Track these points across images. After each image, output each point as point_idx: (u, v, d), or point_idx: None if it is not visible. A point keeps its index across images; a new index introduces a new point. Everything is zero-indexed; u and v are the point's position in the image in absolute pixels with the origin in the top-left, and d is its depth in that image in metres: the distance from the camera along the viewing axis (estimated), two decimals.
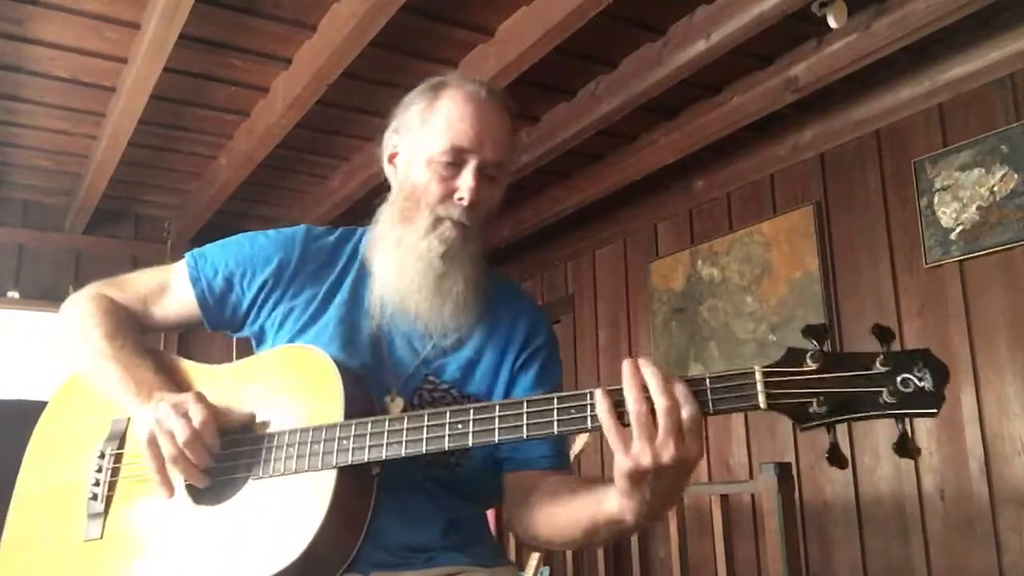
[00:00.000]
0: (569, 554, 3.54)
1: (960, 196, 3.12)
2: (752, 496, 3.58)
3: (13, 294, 4.25)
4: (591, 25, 2.63)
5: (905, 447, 0.89)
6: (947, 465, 3.11)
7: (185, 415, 1.12)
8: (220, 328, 1.34)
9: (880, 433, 3.31)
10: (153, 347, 1.32)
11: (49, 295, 4.19)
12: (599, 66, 3.18)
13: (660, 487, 0.97)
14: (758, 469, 2.81)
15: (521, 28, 2.76)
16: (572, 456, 2.95)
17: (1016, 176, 2.97)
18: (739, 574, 3.31)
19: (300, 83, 3.00)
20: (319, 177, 4.18)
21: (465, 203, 1.23)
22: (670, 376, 0.94)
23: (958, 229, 3.12)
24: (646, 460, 0.94)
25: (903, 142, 3.36)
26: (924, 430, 3.18)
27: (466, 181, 1.23)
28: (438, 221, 1.24)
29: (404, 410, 1.22)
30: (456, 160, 1.24)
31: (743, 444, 3.85)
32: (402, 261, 1.26)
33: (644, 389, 0.94)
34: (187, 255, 1.33)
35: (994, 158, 3.04)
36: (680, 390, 0.93)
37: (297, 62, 3.04)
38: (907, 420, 0.89)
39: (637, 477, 0.96)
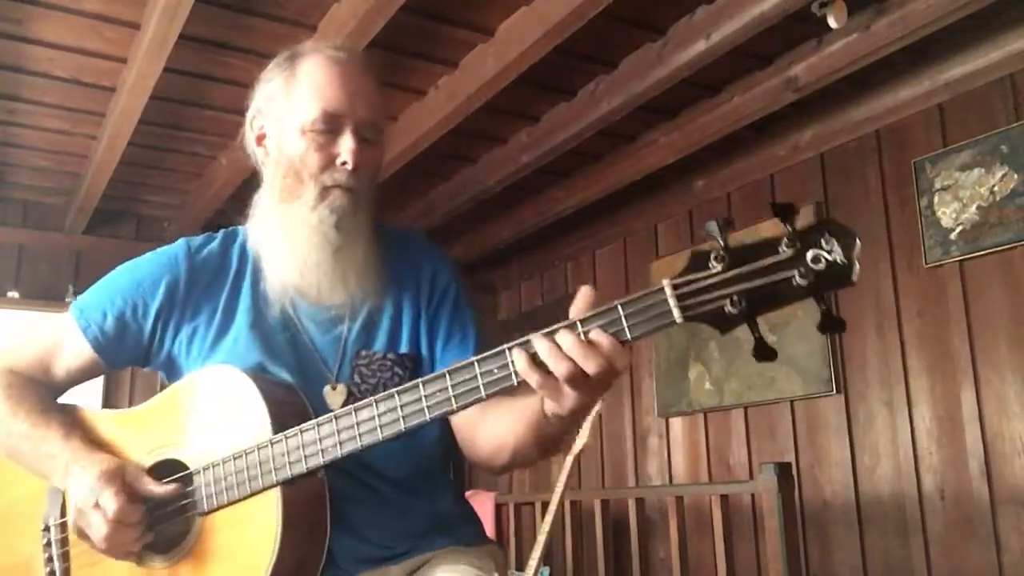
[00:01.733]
0: (569, 554, 3.54)
1: (960, 196, 3.12)
2: (752, 496, 3.58)
3: (13, 294, 4.24)
4: (591, 25, 2.63)
5: (830, 324, 0.85)
6: (947, 465, 3.11)
7: (98, 507, 1.09)
8: (124, 367, 1.30)
9: (880, 433, 3.31)
10: (63, 403, 1.27)
11: (49, 295, 4.19)
12: (599, 66, 3.17)
13: (586, 396, 0.95)
14: (758, 469, 2.81)
15: (521, 28, 2.76)
16: (572, 456, 2.95)
17: (1016, 176, 2.97)
18: (739, 574, 3.31)
19: None
20: None
21: (349, 166, 1.19)
22: (576, 322, 0.92)
23: (958, 229, 3.12)
24: (581, 399, 0.94)
25: (903, 142, 3.36)
26: (924, 430, 3.18)
27: (346, 144, 1.19)
28: (325, 191, 1.20)
29: (347, 395, 1.19)
30: (331, 126, 1.20)
31: (743, 444, 3.85)
32: (293, 238, 1.21)
33: (558, 345, 0.92)
34: (72, 306, 1.28)
35: (994, 158, 3.04)
36: (594, 333, 0.91)
37: None
38: (825, 297, 0.85)
39: (561, 390, 0.95)
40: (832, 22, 2.63)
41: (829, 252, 0.82)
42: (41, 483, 1.24)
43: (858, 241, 0.83)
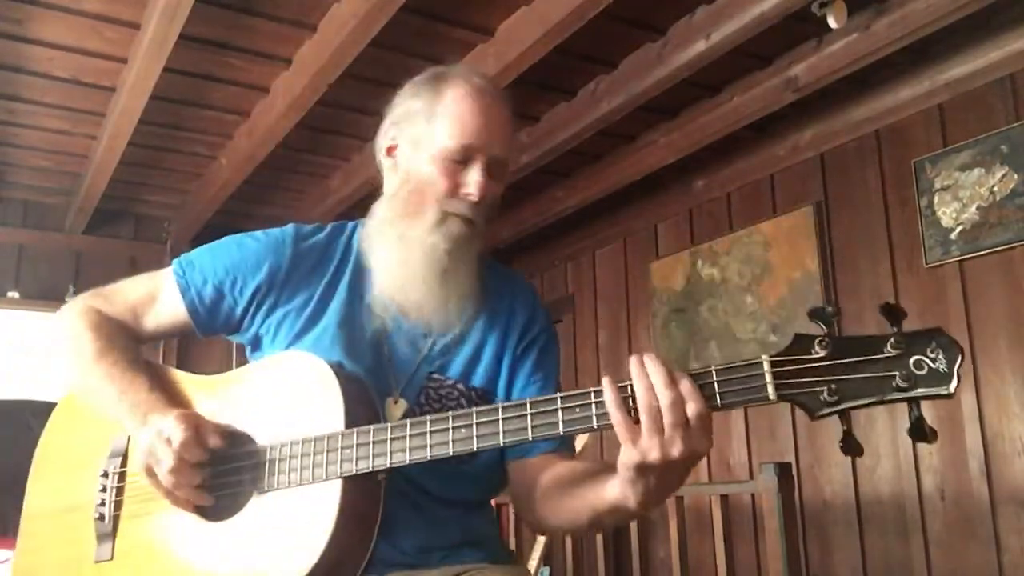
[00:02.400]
0: (569, 554, 3.54)
1: (960, 196, 3.12)
2: (752, 496, 3.58)
3: (13, 294, 4.24)
4: (591, 25, 2.63)
5: (922, 431, 0.85)
6: (947, 465, 3.11)
7: (168, 441, 1.10)
8: (213, 334, 1.32)
9: (880, 433, 3.31)
10: (147, 359, 1.29)
11: (49, 295, 4.19)
12: (599, 66, 3.18)
13: (665, 478, 0.95)
14: (758, 469, 2.81)
15: (521, 28, 2.76)
16: None
17: (1016, 176, 2.97)
18: (739, 574, 3.31)
19: (300, 83, 3.00)
20: (319, 177, 4.18)
21: (475, 199, 1.22)
22: (675, 371, 0.93)
23: (958, 229, 3.12)
24: (654, 455, 0.92)
25: (903, 142, 3.36)
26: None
27: (475, 177, 1.22)
28: (445, 216, 1.23)
29: (407, 412, 1.21)
30: (464, 157, 1.23)
31: (743, 444, 3.85)
32: (406, 256, 1.24)
33: (650, 385, 0.92)
34: (175, 262, 1.30)
35: (994, 158, 3.04)
36: (685, 385, 0.91)
37: (297, 62, 3.04)
38: (921, 404, 0.85)
39: (643, 470, 0.94)
40: (832, 22, 2.63)
41: (933, 361, 0.84)
42: (105, 434, 1.27)
43: (962, 356, 0.85)
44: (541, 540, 2.90)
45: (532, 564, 2.87)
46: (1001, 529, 2.92)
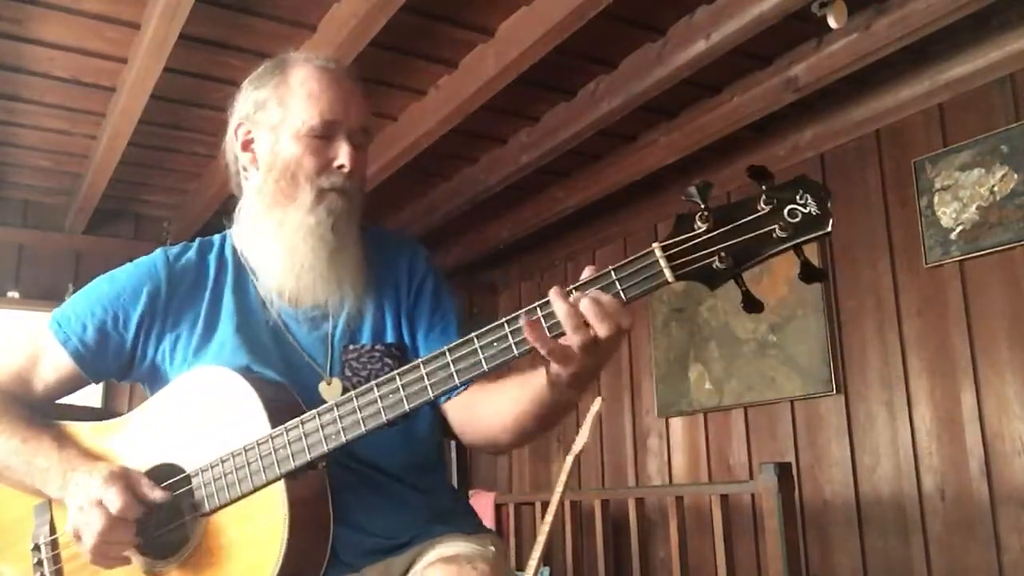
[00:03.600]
0: (569, 554, 3.54)
1: (960, 196, 3.12)
2: (752, 496, 3.58)
3: (13, 294, 4.24)
4: (591, 25, 2.62)
5: (811, 274, 0.92)
6: (947, 465, 3.10)
7: (100, 504, 1.08)
8: (105, 379, 1.29)
9: (880, 433, 3.31)
10: (47, 422, 1.25)
11: (49, 295, 4.19)
12: (599, 66, 3.17)
13: (594, 360, 0.98)
14: (758, 469, 2.81)
15: (521, 28, 2.76)
16: (572, 456, 2.95)
17: (1016, 176, 2.97)
18: (739, 574, 3.31)
19: None
20: None
21: (347, 169, 1.23)
22: (572, 289, 0.96)
23: (958, 229, 3.12)
24: (577, 339, 0.95)
25: (903, 142, 3.36)
26: (924, 430, 3.18)
27: (343, 148, 1.23)
28: (322, 193, 1.23)
29: (343, 387, 1.21)
30: (327, 131, 1.23)
31: (743, 444, 3.85)
32: (290, 241, 1.23)
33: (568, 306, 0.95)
34: (50, 319, 1.27)
35: (994, 158, 3.04)
36: (591, 292, 0.95)
37: None
38: (803, 248, 0.91)
39: (582, 374, 0.99)
40: (832, 22, 2.63)
41: (804, 206, 0.88)
42: (26, 506, 1.23)
43: (829, 195, 0.89)
44: (541, 540, 2.90)
45: (532, 564, 2.87)
46: (1001, 529, 2.92)
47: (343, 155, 1.23)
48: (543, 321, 0.96)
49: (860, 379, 3.41)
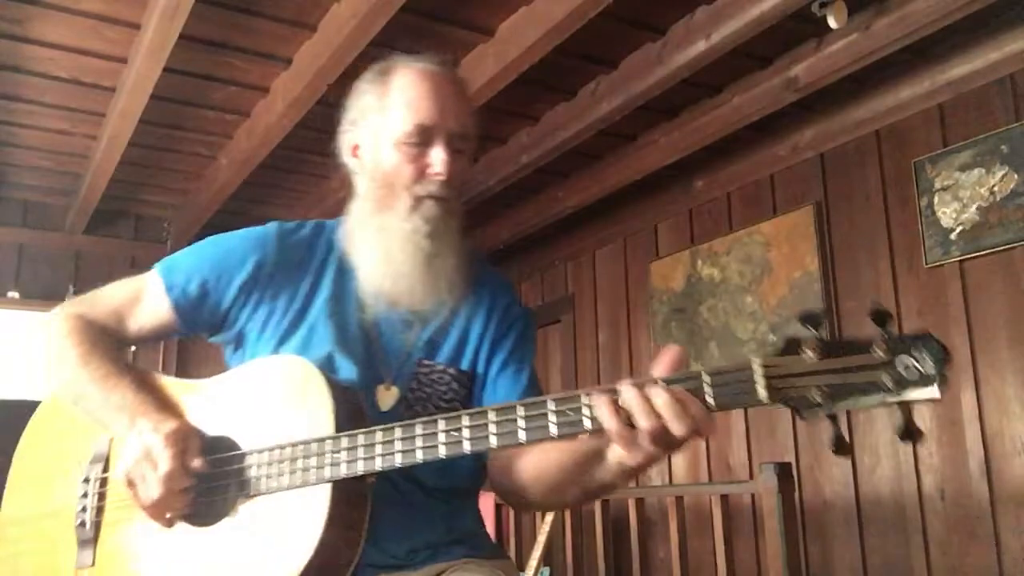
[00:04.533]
0: (569, 554, 3.54)
1: (960, 196, 3.12)
2: (752, 496, 3.58)
3: (13, 294, 4.24)
4: (591, 25, 2.63)
5: (908, 431, 0.87)
6: (947, 465, 3.11)
7: (154, 467, 1.10)
8: (196, 333, 1.31)
9: (880, 432, 3.31)
10: (131, 364, 1.28)
11: (49, 295, 4.19)
12: (599, 66, 3.17)
13: (660, 454, 0.96)
14: (758, 469, 2.81)
15: (521, 28, 2.76)
16: None
17: (1016, 176, 2.97)
18: (739, 574, 3.31)
19: (300, 83, 3.00)
20: (319, 177, 4.18)
21: (442, 177, 1.23)
22: (664, 384, 0.92)
23: (958, 229, 3.12)
24: (656, 453, 0.94)
25: (903, 142, 3.36)
26: (924, 430, 3.17)
27: (438, 155, 1.23)
28: (418, 201, 1.24)
29: (399, 398, 1.22)
30: (423, 138, 1.23)
31: (743, 444, 3.85)
32: (388, 248, 1.25)
33: (644, 394, 0.92)
34: (157, 265, 1.30)
35: (994, 158, 3.04)
36: (676, 389, 0.91)
37: (297, 62, 3.04)
38: (909, 405, 0.87)
39: (645, 463, 0.96)
40: (832, 22, 2.63)
41: (920, 363, 0.85)
42: (87, 437, 1.26)
43: (949, 359, 0.86)
44: (541, 541, 2.90)
45: (532, 564, 2.87)
46: (1001, 529, 2.92)
47: (438, 162, 1.23)
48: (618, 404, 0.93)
49: None
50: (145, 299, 1.29)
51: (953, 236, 3.13)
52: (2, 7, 2.73)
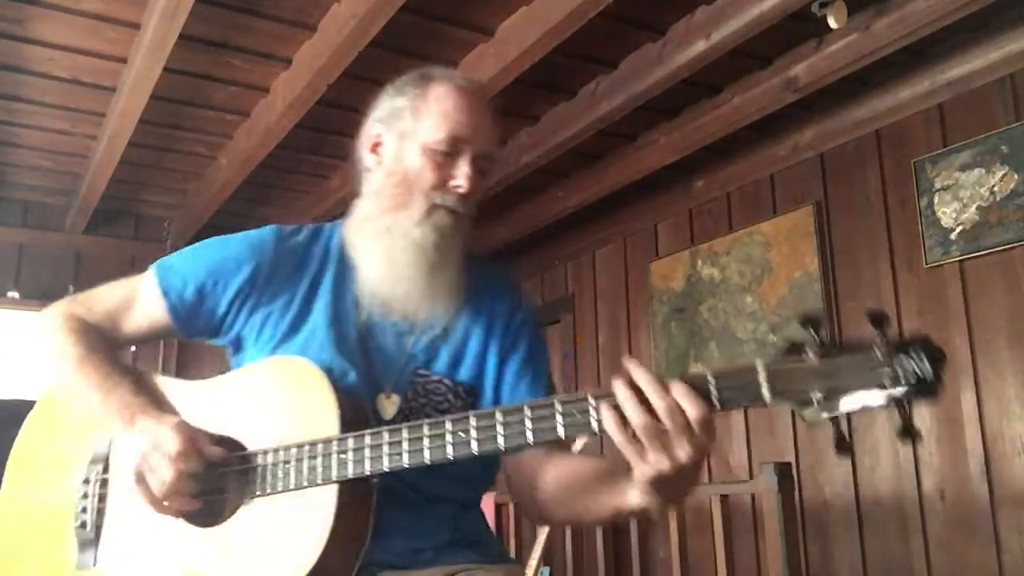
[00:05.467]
0: (569, 554, 3.54)
1: (960, 196, 3.12)
2: (752, 496, 3.58)
3: (13, 294, 4.25)
4: (591, 25, 2.63)
5: (907, 432, 0.90)
6: (947, 465, 3.10)
7: (166, 452, 1.10)
8: (194, 337, 1.31)
9: (880, 432, 3.31)
10: (130, 366, 1.28)
11: (49, 295, 4.12)
12: (599, 66, 3.17)
13: (682, 479, 0.96)
14: (758, 469, 2.81)
15: (521, 28, 2.76)
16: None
17: (1016, 176, 2.97)
18: (739, 574, 3.31)
19: (300, 83, 3.00)
20: (319, 177, 4.18)
21: (463, 190, 1.23)
22: (666, 379, 0.94)
23: (958, 229, 3.12)
24: (664, 466, 0.93)
25: (903, 142, 3.36)
26: (924, 430, 3.18)
27: (463, 169, 1.23)
28: (433, 208, 1.23)
29: (400, 406, 1.21)
30: (452, 149, 1.23)
31: (743, 444, 3.85)
32: (392, 247, 1.24)
33: (644, 400, 0.93)
34: (153, 266, 1.29)
35: (994, 158, 3.04)
36: (679, 389, 0.92)
37: (297, 62, 3.04)
38: (907, 406, 0.89)
39: (659, 481, 0.95)
40: (832, 22, 2.63)
41: (919, 366, 0.87)
42: (85, 437, 1.26)
43: (946, 362, 0.88)
44: (541, 540, 2.90)
45: (532, 564, 2.87)
46: (1001, 529, 2.92)
47: (462, 176, 1.23)
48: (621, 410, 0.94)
49: None
50: (141, 301, 1.29)
51: (953, 236, 3.13)
52: (2, 7, 2.73)
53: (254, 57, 3.06)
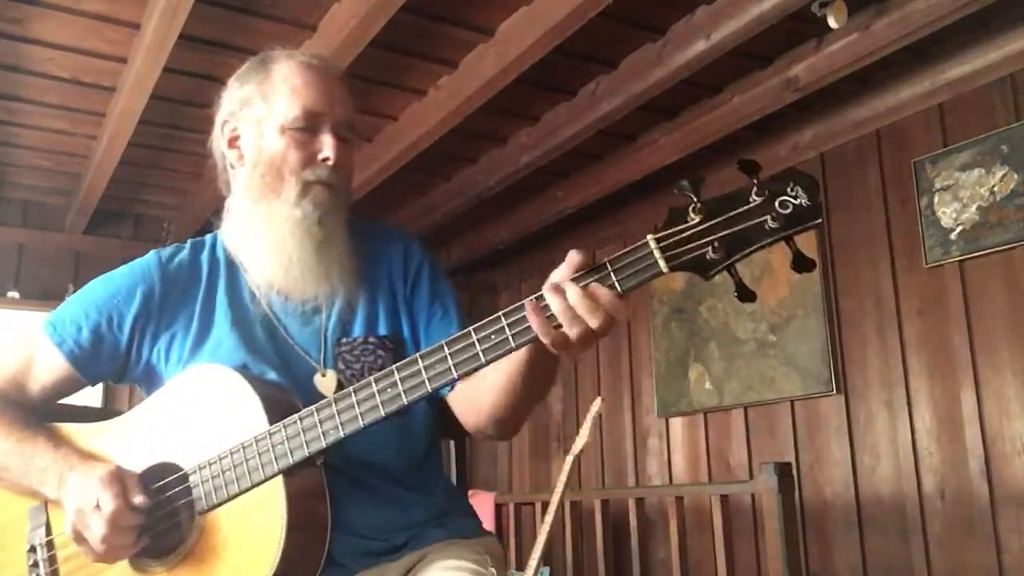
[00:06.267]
0: (569, 554, 3.54)
1: (960, 196, 3.12)
2: (752, 496, 3.58)
3: (13, 294, 4.24)
4: (591, 25, 2.62)
5: (802, 264, 0.94)
6: (947, 465, 3.10)
7: (97, 508, 1.09)
8: (101, 380, 1.30)
9: (880, 433, 3.31)
10: (40, 422, 1.25)
11: (49, 295, 4.19)
12: (599, 66, 3.17)
13: (589, 341, 0.99)
14: (758, 469, 2.81)
15: (521, 28, 2.76)
16: (572, 456, 2.94)
17: (1016, 176, 2.97)
18: (739, 574, 3.31)
19: None
20: None
21: (331, 162, 1.23)
22: (575, 277, 0.97)
23: (958, 229, 3.12)
24: (575, 332, 0.96)
25: (903, 142, 3.36)
26: (924, 430, 3.18)
27: (327, 141, 1.23)
28: (307, 186, 1.23)
29: (338, 380, 1.21)
30: (311, 124, 1.23)
31: (743, 444, 3.85)
32: (277, 235, 1.23)
33: (560, 291, 0.96)
34: (44, 323, 1.27)
35: (994, 158, 3.04)
36: (587, 285, 0.96)
37: None
38: (795, 239, 0.94)
39: (567, 343, 0.98)
40: (832, 22, 2.63)
41: (795, 197, 0.91)
42: (20, 508, 1.23)
43: (819, 187, 0.92)
44: (541, 540, 2.90)
45: (532, 564, 2.87)
46: (1001, 529, 2.92)
47: (328, 147, 1.23)
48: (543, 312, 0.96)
49: (860, 379, 3.41)
50: (38, 360, 1.27)
51: (953, 236, 3.13)
52: (2, 7, 2.73)
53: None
